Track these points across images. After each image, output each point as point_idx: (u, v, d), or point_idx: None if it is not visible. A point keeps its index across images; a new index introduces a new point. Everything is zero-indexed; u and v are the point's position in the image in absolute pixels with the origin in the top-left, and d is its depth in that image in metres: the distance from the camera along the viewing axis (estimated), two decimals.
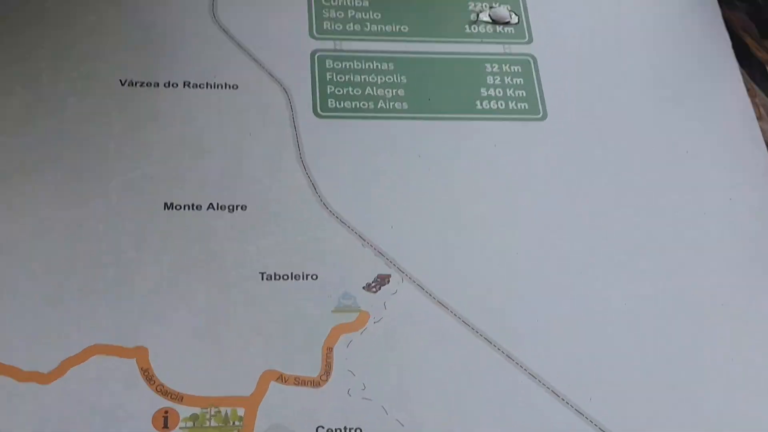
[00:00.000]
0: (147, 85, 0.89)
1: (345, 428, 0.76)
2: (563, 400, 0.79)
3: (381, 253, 0.83)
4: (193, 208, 0.83)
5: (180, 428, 0.75)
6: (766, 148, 0.93)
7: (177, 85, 0.89)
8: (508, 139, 0.91)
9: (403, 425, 0.76)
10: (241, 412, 0.75)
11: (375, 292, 0.82)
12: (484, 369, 0.79)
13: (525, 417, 0.77)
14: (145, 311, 0.79)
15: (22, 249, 0.80)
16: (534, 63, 0.96)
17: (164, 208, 0.83)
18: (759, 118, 0.95)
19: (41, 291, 0.79)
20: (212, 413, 0.75)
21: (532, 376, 0.79)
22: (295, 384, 0.77)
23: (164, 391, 0.76)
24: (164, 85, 0.89)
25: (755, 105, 0.96)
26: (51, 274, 0.79)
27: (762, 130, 0.94)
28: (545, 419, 0.78)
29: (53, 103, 0.87)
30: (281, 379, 0.77)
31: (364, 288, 0.82)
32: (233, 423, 0.75)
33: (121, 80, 0.89)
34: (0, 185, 0.82)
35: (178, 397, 0.76)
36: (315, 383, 0.77)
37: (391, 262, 0.83)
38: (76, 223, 0.82)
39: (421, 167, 0.88)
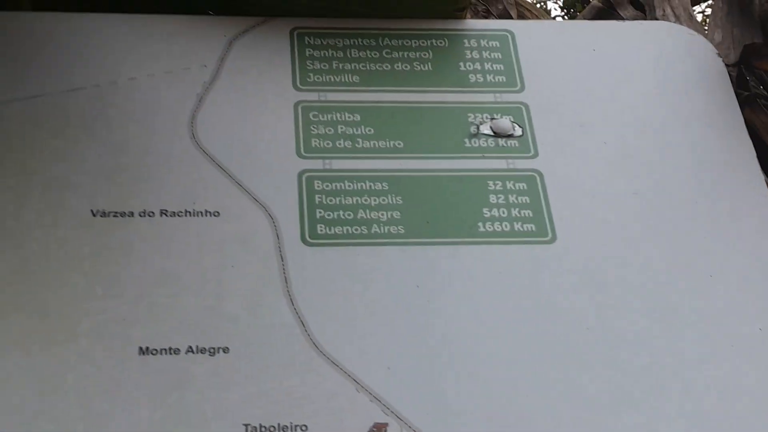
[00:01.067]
0: (120, 215, 0.87)
1: None
2: None
3: (377, 399, 0.80)
4: (170, 352, 0.81)
5: None
6: None
7: (153, 214, 0.87)
8: (514, 265, 0.88)
9: None
10: None
11: None
12: None
13: None
14: None
15: None
16: (540, 179, 0.93)
17: (139, 353, 0.80)
18: None
19: None
20: None
21: None
22: None
23: None
24: (139, 214, 0.87)
25: None
26: (14, 429, 0.76)
27: None
28: None
29: (17, 236, 0.85)
30: None
31: None
32: None
33: (92, 210, 0.87)
34: None
35: None
36: None
37: (388, 408, 0.80)
38: (42, 372, 0.79)
39: (420, 298, 0.86)
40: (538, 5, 4.11)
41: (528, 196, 0.92)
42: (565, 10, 4.23)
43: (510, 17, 1.53)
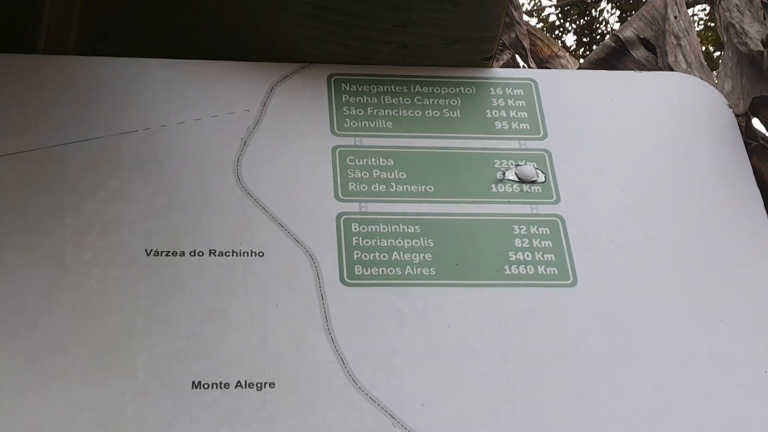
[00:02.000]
0: (172, 254, 0.93)
1: None
2: None
3: None
4: (221, 387, 0.87)
5: None
6: None
7: (202, 253, 0.93)
8: (538, 308, 0.94)
9: None
10: None
11: None
12: None
13: None
14: None
15: None
16: (562, 224, 0.99)
17: (192, 387, 0.86)
18: None
19: None
20: None
21: None
22: None
23: None
24: (190, 253, 0.93)
25: None
26: None
27: None
28: None
29: (78, 275, 0.90)
30: None
31: None
32: None
33: (146, 250, 0.93)
34: (29, 367, 0.85)
35: None
36: None
37: None
38: (103, 404, 0.85)
39: (451, 338, 0.92)
40: (532, 4, 4.18)
41: (551, 241, 0.98)
42: (559, 9, 4.29)
43: (522, 45, 1.60)
